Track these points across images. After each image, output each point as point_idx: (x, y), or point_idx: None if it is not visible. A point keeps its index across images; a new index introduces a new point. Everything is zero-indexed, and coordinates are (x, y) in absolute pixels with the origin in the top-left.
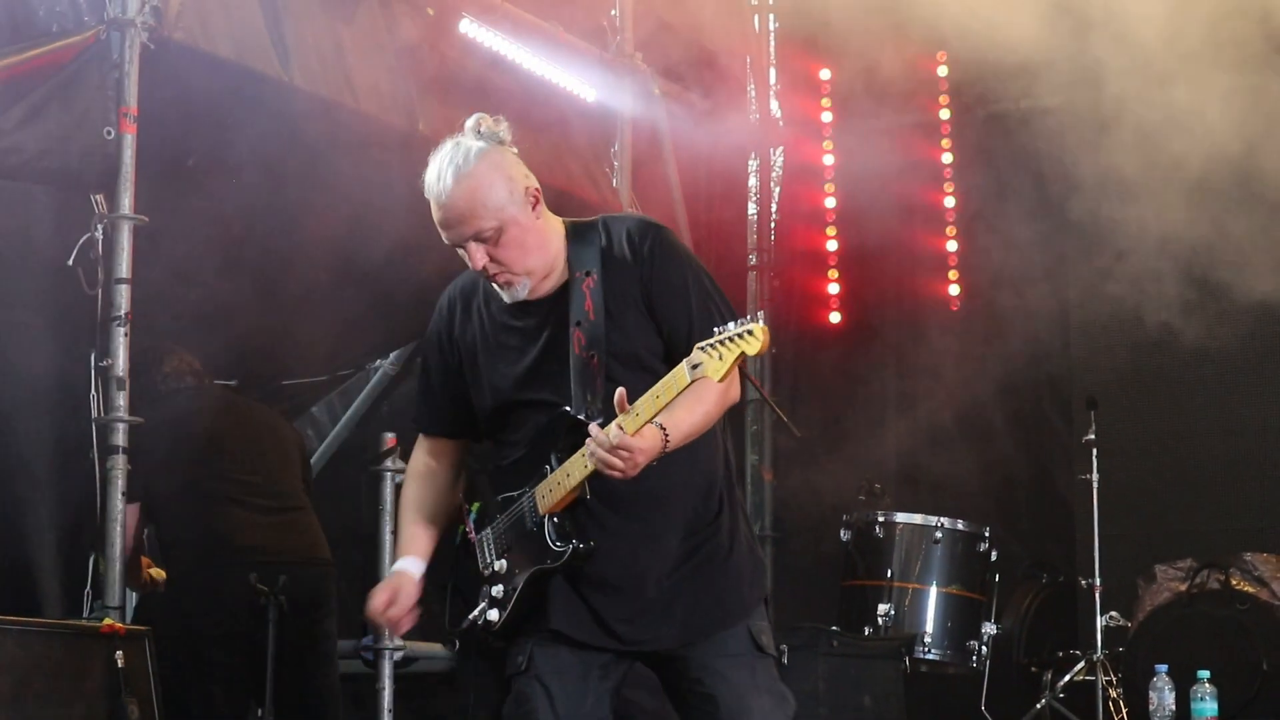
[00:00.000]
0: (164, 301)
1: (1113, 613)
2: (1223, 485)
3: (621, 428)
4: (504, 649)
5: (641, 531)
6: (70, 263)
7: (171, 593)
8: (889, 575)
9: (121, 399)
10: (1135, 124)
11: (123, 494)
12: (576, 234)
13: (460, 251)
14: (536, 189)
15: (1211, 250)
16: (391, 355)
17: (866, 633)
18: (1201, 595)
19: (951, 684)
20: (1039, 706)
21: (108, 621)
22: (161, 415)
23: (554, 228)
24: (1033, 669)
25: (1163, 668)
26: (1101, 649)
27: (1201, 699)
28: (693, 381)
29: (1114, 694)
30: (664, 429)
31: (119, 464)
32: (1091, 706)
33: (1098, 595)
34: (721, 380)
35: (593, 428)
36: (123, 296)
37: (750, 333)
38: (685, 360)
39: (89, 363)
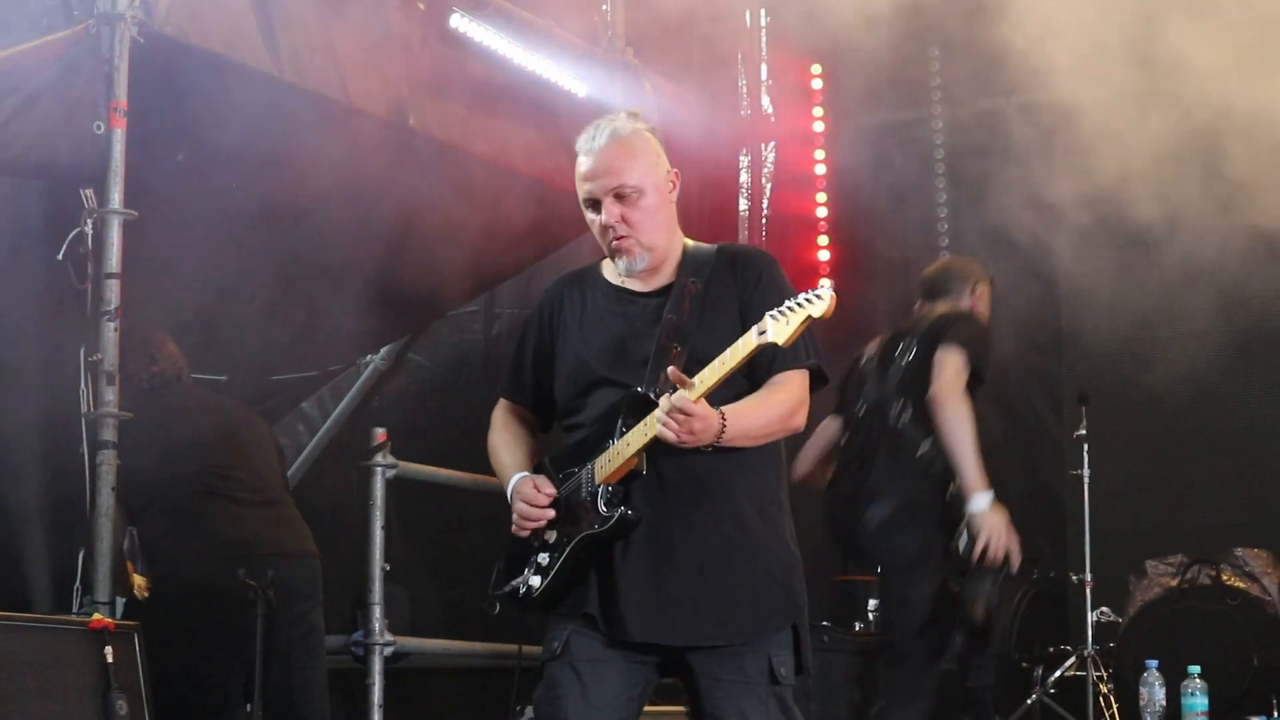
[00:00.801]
0: (154, 296)
1: (1104, 608)
2: (1214, 481)
3: (686, 396)
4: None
5: (684, 521)
6: (60, 257)
7: (160, 587)
8: (879, 570)
9: (111, 394)
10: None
11: (112, 489)
12: (693, 249)
13: (590, 216)
14: (677, 174)
15: (1202, 245)
16: (382, 351)
17: (857, 628)
18: (1192, 591)
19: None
20: (1030, 702)
21: (97, 617)
22: (144, 411)
23: (678, 228)
24: (1023, 664)
25: (1153, 663)
26: (1092, 644)
27: (1192, 694)
28: (758, 347)
29: (1105, 689)
30: (723, 416)
31: (109, 459)
32: (1082, 702)
33: (1089, 591)
34: (786, 343)
35: (663, 398)
36: (112, 291)
37: (818, 295)
38: (754, 327)
39: (78, 357)
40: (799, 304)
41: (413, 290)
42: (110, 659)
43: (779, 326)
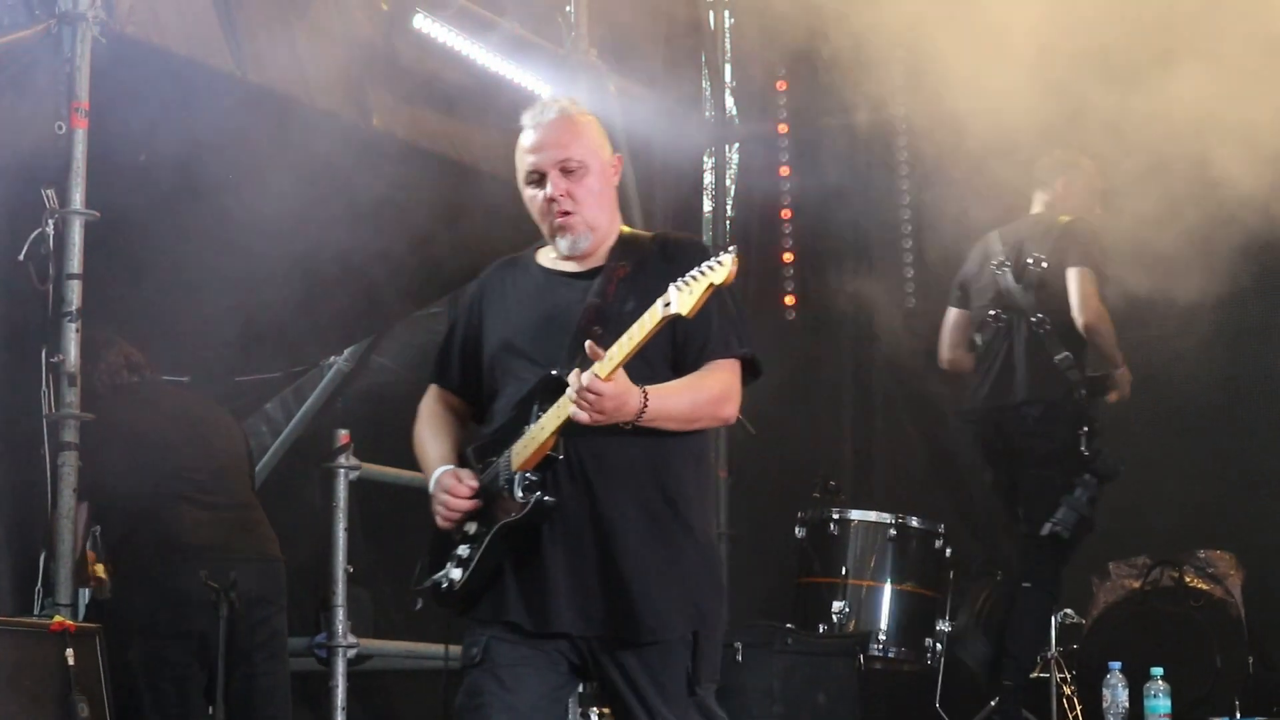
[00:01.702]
0: (116, 296)
1: (1067, 610)
2: (1177, 483)
3: (595, 374)
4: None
5: (598, 509)
6: (21, 258)
7: (122, 590)
8: (844, 573)
9: (73, 395)
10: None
11: (74, 490)
12: (628, 235)
13: (530, 192)
14: (620, 159)
15: (1165, 250)
16: (345, 352)
17: (821, 630)
18: (1155, 592)
19: (906, 681)
20: (993, 704)
21: (58, 619)
22: (107, 412)
23: (618, 214)
24: None
25: (1116, 665)
26: (1055, 646)
27: (1155, 696)
28: (664, 319)
29: (1068, 691)
30: (646, 394)
31: (70, 460)
32: (1046, 704)
33: None
34: (690, 313)
35: (574, 373)
36: (74, 292)
37: (720, 263)
38: (659, 299)
39: (40, 358)
40: (700, 273)
41: (376, 292)
42: (72, 661)
43: (682, 297)
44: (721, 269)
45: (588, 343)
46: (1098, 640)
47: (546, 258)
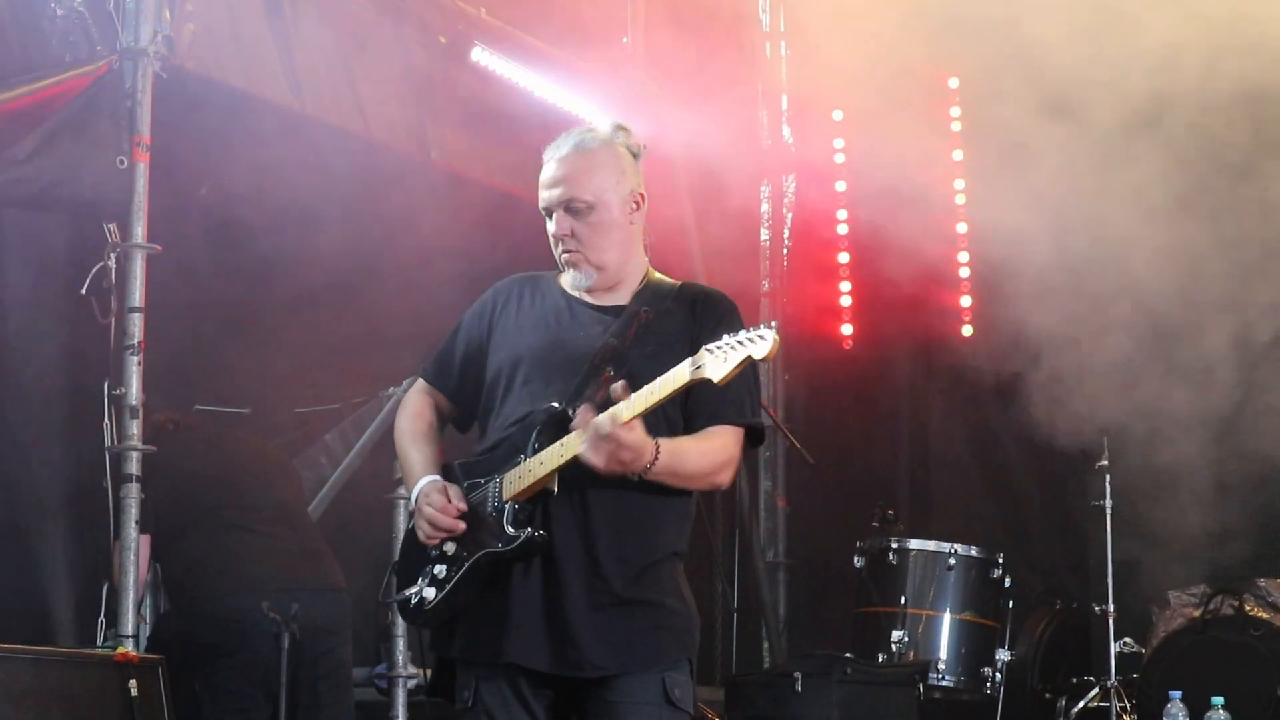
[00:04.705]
0: (178, 329)
1: (1126, 639)
2: (1236, 510)
3: (613, 418)
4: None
5: (584, 553)
6: (84, 291)
7: (185, 621)
8: (902, 602)
9: (135, 427)
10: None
11: (136, 522)
12: (655, 281)
13: (547, 224)
14: (643, 195)
15: (1223, 273)
16: (404, 383)
17: (880, 660)
18: (1215, 621)
19: (966, 711)
20: None
21: (121, 650)
22: (167, 448)
23: (641, 253)
24: (1047, 695)
25: (1176, 694)
26: (1115, 675)
27: None
28: (692, 381)
29: None
30: (658, 445)
31: (133, 492)
32: None
33: (1111, 621)
34: (721, 382)
35: (583, 409)
36: (136, 325)
37: (760, 336)
38: (689, 359)
39: (102, 391)
40: (740, 342)
41: (434, 322)
42: (135, 692)
43: (715, 362)
44: (764, 344)
45: (621, 383)
46: (1158, 669)
47: (568, 281)
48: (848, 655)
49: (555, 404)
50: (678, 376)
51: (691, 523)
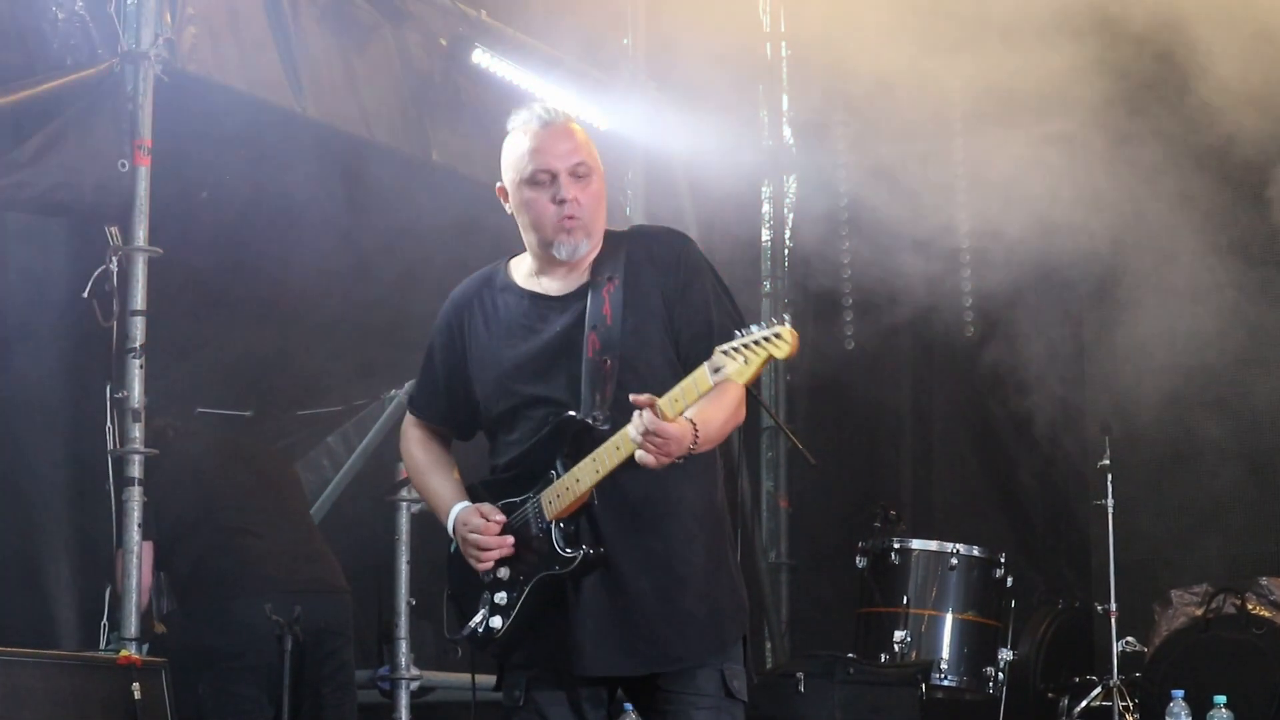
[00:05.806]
0: (180, 332)
1: (1129, 638)
2: (1238, 509)
3: (656, 414)
4: (500, 682)
5: (633, 546)
6: (85, 295)
7: (189, 624)
8: (905, 602)
9: (137, 430)
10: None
11: (139, 525)
12: (607, 241)
13: (529, 194)
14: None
15: (1225, 275)
16: (406, 385)
17: (883, 660)
18: (1217, 620)
19: (968, 710)
20: None
21: (124, 653)
22: (168, 452)
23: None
24: (1049, 695)
25: (1179, 693)
26: (1118, 674)
27: None
28: (714, 386)
29: (1130, 719)
30: (695, 425)
31: (135, 495)
32: None
33: (1114, 620)
34: (746, 384)
35: (633, 424)
36: (138, 328)
37: (779, 335)
38: (706, 363)
39: (104, 395)
40: (757, 342)
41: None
42: (138, 695)
43: (736, 365)
44: (784, 345)
45: (648, 400)
46: (1160, 668)
47: (521, 274)
48: (850, 655)
49: (572, 414)
50: (699, 384)
51: (721, 471)
